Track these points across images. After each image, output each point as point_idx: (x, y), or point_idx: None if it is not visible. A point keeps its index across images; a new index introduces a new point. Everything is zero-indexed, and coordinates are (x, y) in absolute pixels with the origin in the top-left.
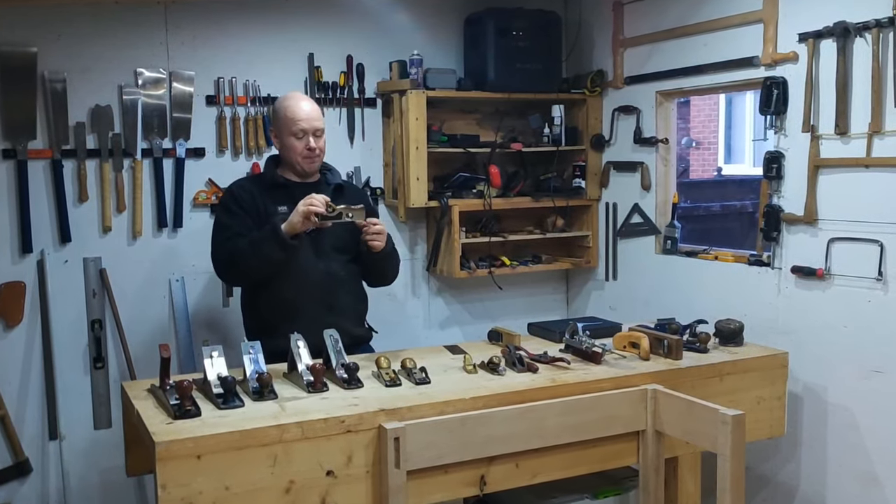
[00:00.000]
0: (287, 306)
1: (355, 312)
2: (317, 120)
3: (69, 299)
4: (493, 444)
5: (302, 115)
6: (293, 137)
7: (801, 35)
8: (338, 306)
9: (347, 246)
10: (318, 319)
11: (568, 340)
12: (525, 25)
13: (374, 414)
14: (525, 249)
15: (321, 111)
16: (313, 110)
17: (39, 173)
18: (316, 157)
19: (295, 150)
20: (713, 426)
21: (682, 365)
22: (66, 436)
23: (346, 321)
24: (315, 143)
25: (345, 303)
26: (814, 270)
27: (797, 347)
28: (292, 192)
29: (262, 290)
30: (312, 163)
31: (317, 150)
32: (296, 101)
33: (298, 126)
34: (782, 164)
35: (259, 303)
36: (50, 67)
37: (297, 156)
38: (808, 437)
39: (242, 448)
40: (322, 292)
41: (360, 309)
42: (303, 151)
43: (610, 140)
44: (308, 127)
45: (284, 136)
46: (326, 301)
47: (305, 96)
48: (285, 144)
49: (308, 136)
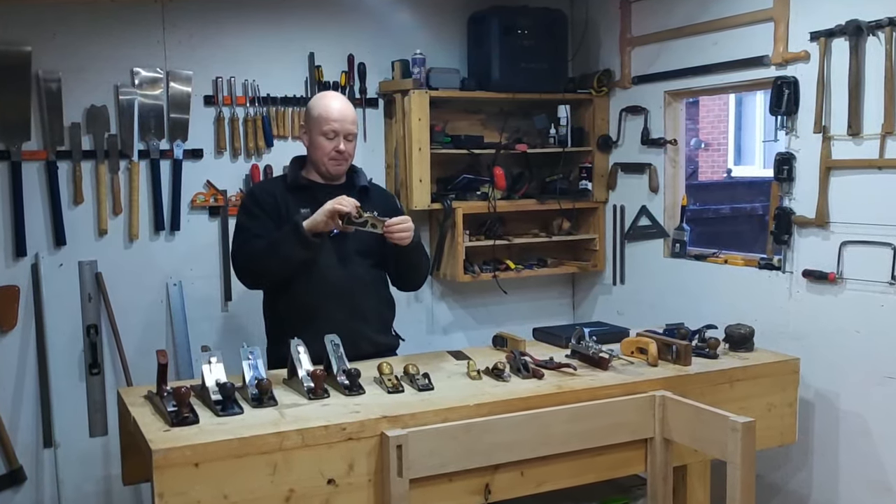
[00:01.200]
0: (307, 311)
1: (379, 318)
2: (350, 123)
3: (64, 304)
4: (497, 452)
5: (335, 114)
6: (323, 137)
7: (813, 34)
8: (360, 311)
9: (372, 250)
10: (339, 325)
11: (574, 346)
12: (530, 24)
13: (377, 421)
14: (530, 253)
15: (356, 114)
16: (348, 112)
17: (34, 175)
18: (343, 160)
19: (323, 151)
20: (723, 433)
21: (690, 371)
22: (60, 443)
23: (370, 328)
24: (344, 147)
25: (368, 308)
26: (825, 274)
27: (809, 353)
28: (315, 194)
29: (282, 294)
30: (339, 166)
31: (345, 154)
32: (330, 99)
33: (330, 126)
34: (793, 165)
35: (279, 307)
36: (44, 67)
37: (325, 156)
38: (820, 445)
39: (241, 456)
40: (344, 297)
41: (386, 315)
42: (331, 153)
43: (617, 141)
44: (339, 128)
45: (314, 134)
46: (348, 306)
47: (343, 97)
48: (314, 143)
49: (339, 138)
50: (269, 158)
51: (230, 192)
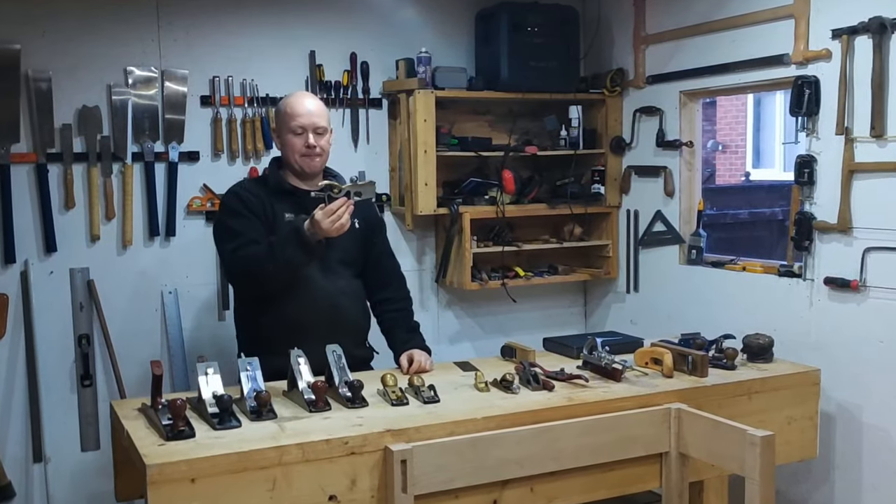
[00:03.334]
0: (289, 323)
1: (357, 331)
2: (318, 116)
3: (55, 313)
4: (506, 467)
5: (301, 110)
6: (291, 134)
7: (835, 31)
8: (341, 324)
9: (354, 259)
10: (321, 337)
11: (586, 357)
12: (540, 21)
13: (380, 435)
14: (540, 260)
15: (326, 110)
16: (316, 107)
17: (23, 178)
18: (316, 155)
19: (293, 148)
20: (741, 448)
21: (707, 383)
22: (51, 458)
23: (349, 340)
24: (314, 141)
25: (349, 320)
26: (848, 282)
27: (830, 364)
28: (300, 199)
29: (262, 305)
30: (311, 161)
31: (317, 149)
32: (297, 97)
33: (297, 122)
34: (814, 168)
35: (259, 318)
36: (34, 66)
37: (296, 154)
38: (842, 460)
39: (239, 471)
40: (326, 309)
41: (363, 327)
42: (301, 149)
43: (631, 143)
44: (307, 122)
45: (283, 133)
46: (331, 318)
47: (311, 94)
48: (284, 143)
49: (307, 133)
50: (267, 161)
51: None
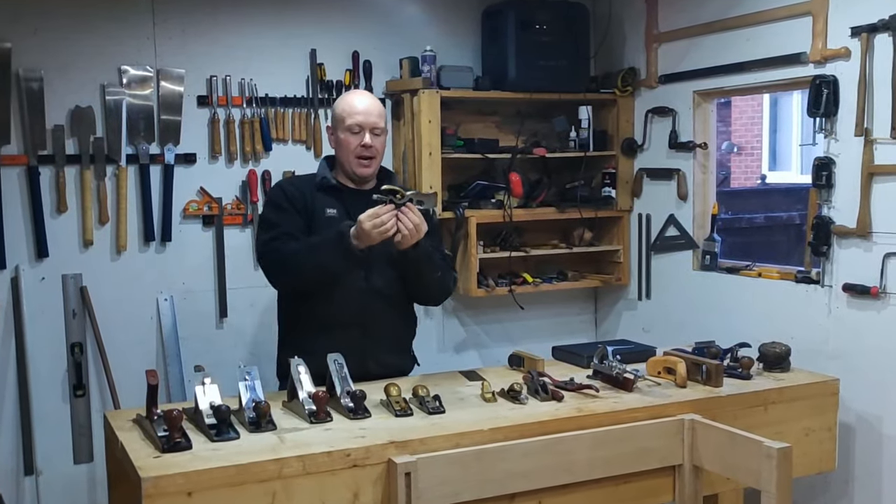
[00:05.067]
0: (321, 322)
1: (394, 337)
2: (375, 116)
3: (46, 320)
4: (514, 480)
5: (360, 107)
6: (348, 132)
7: (854, 29)
8: (374, 328)
9: (397, 261)
10: (351, 341)
11: (596, 366)
12: (549, 18)
13: (383, 447)
14: (549, 265)
15: (384, 111)
16: (373, 105)
17: (13, 181)
18: (370, 158)
19: (348, 147)
20: (757, 460)
21: (722, 393)
22: (43, 471)
23: (381, 347)
24: (371, 141)
25: (382, 325)
26: (867, 288)
27: (849, 373)
28: (343, 196)
29: (298, 301)
30: (366, 167)
31: (372, 149)
32: (356, 94)
33: (354, 119)
34: (833, 171)
35: (293, 314)
36: (25, 65)
37: (350, 154)
38: (862, 473)
39: (238, 484)
40: (360, 311)
41: (400, 332)
42: (356, 149)
43: (643, 145)
44: (364, 121)
45: (339, 131)
46: (363, 321)
47: (367, 92)
48: (339, 142)
49: (364, 133)
50: (267, 163)
51: (225, 200)
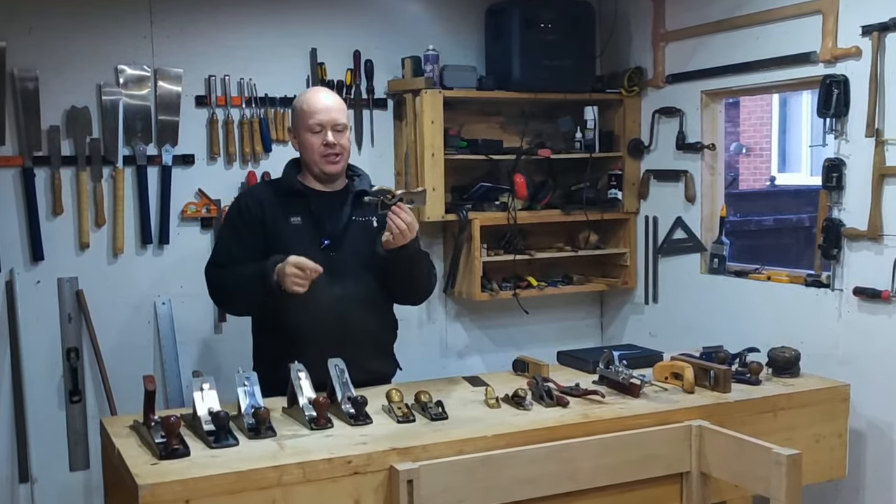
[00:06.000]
0: (293, 334)
1: (373, 341)
2: (337, 112)
3: (42, 325)
4: (518, 488)
5: (319, 106)
6: (309, 133)
7: (865, 28)
8: (352, 335)
9: (372, 262)
10: (327, 350)
11: (602, 371)
12: (554, 17)
13: (385, 454)
14: (554, 269)
15: (345, 106)
16: (334, 102)
17: (8, 183)
18: (336, 155)
19: (312, 148)
20: (766, 467)
21: (730, 399)
22: (38, 478)
23: (362, 352)
24: (334, 138)
25: (362, 330)
26: (879, 292)
27: (860, 379)
28: (309, 201)
29: (266, 315)
30: (333, 164)
31: (337, 147)
32: (313, 93)
33: (315, 118)
34: (843, 172)
35: (264, 329)
36: (20, 65)
37: (315, 154)
38: (873, 480)
39: (237, 492)
40: (334, 319)
41: (381, 337)
42: (320, 149)
43: (649, 146)
44: (326, 119)
45: (301, 132)
46: (338, 329)
47: (326, 89)
48: (303, 143)
49: (326, 131)
50: (266, 165)
51: (224, 202)
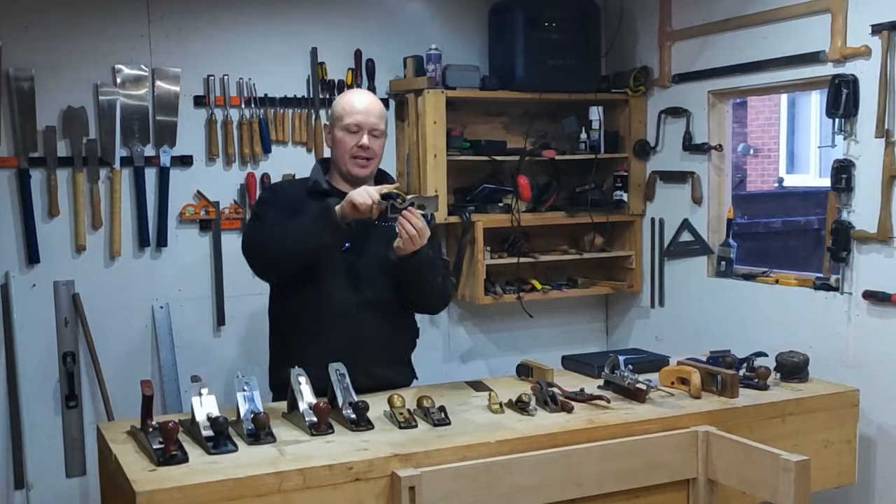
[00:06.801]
0: (309, 333)
1: (387, 349)
2: (376, 117)
3: (37, 329)
4: (522, 495)
5: (360, 107)
6: (345, 132)
7: (875, 27)
8: (363, 340)
9: (392, 269)
10: (338, 353)
11: (608, 376)
12: (559, 16)
13: (387, 460)
14: (558, 272)
15: (386, 113)
16: (373, 106)
17: (3, 185)
18: (367, 160)
19: (344, 147)
20: (774, 474)
21: (738, 404)
22: (34, 485)
23: (371, 359)
24: (368, 142)
25: (373, 336)
26: (889, 296)
27: (870, 383)
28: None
29: (285, 310)
30: (363, 167)
31: (369, 151)
32: (356, 93)
33: (352, 118)
34: (853, 173)
35: (282, 324)
36: (15, 64)
37: (346, 154)
38: (883, 486)
39: (236, 499)
40: (346, 322)
41: (396, 346)
42: (352, 149)
43: (656, 147)
44: (363, 121)
45: (336, 130)
46: (350, 333)
47: (369, 92)
48: (336, 140)
49: (362, 133)
50: (266, 166)
51: (223, 204)
